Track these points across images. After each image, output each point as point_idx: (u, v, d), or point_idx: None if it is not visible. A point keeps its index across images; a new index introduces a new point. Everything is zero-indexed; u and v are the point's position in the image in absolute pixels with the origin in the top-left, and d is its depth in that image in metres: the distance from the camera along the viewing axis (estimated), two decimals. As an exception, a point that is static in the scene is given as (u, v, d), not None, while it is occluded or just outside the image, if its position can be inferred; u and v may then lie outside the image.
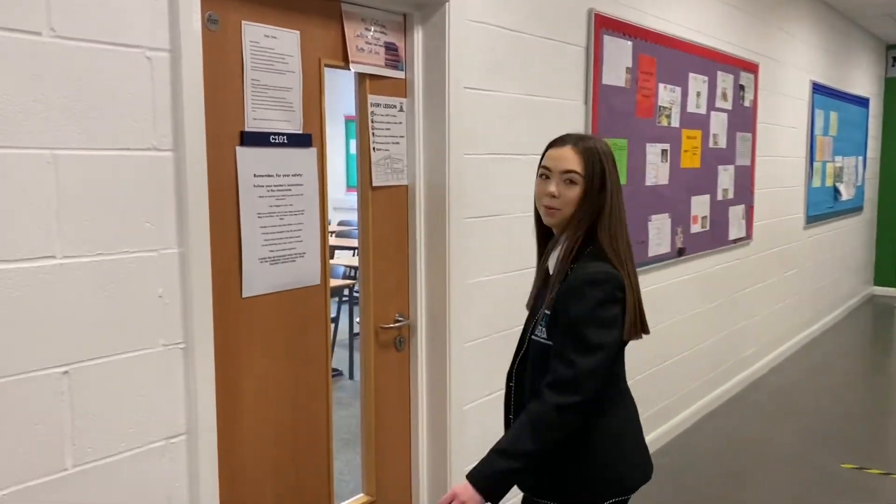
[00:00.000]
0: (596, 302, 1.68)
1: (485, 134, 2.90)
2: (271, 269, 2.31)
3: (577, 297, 1.69)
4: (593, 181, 1.73)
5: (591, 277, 1.69)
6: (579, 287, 1.69)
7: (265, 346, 2.31)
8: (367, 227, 2.66)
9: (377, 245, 2.68)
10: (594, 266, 1.71)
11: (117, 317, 1.80)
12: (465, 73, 2.77)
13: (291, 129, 2.34)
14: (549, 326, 1.76)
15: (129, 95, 1.79)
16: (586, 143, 1.76)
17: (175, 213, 1.90)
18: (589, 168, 1.73)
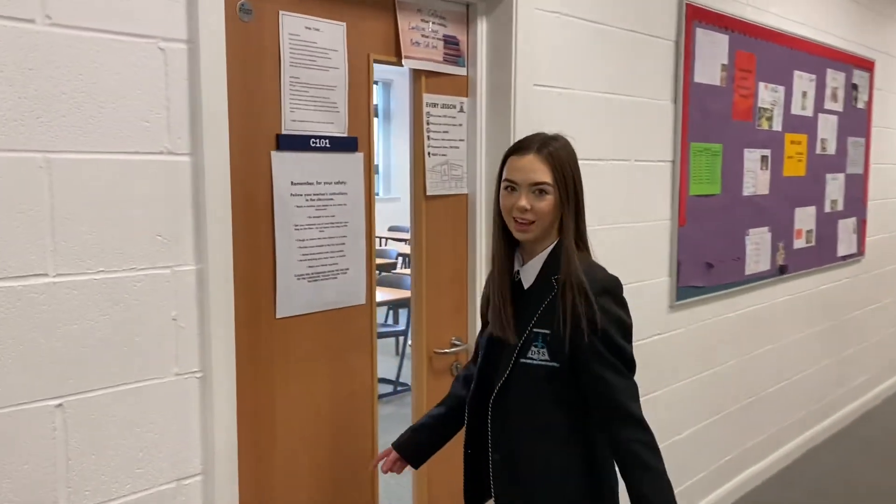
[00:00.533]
0: (619, 311, 1.63)
1: (556, 137, 2.58)
2: (310, 287, 2.07)
3: (602, 311, 1.59)
4: (566, 188, 1.64)
5: (602, 286, 1.62)
6: (595, 299, 1.59)
7: (301, 372, 2.07)
8: (420, 241, 2.39)
9: (432, 261, 2.41)
10: (593, 272, 1.64)
11: (122, 342, 1.59)
12: (535, 69, 2.48)
13: (335, 132, 2.10)
14: (550, 346, 1.62)
15: (139, 92, 1.58)
16: (550, 148, 1.65)
17: (192, 226, 1.68)
18: (559, 175, 1.63)
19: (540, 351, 1.63)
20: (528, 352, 1.65)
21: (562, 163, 1.63)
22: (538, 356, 1.64)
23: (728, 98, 3.44)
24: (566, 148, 1.68)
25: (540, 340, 1.63)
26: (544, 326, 1.63)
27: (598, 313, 1.57)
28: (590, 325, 1.57)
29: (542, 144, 1.65)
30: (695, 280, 3.32)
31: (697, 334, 3.40)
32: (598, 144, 2.78)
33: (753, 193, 3.69)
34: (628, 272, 2.95)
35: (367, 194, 2.20)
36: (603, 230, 2.82)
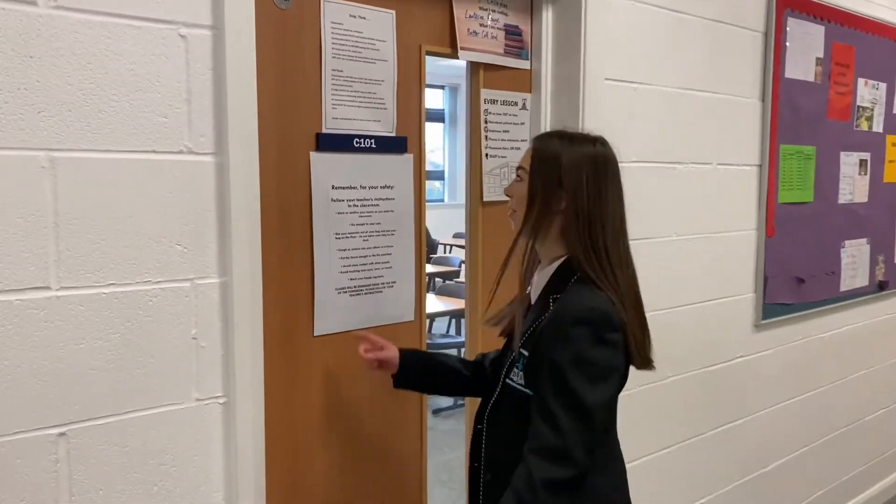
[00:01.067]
0: (584, 347, 1.36)
1: (631, 136, 2.34)
2: (352, 302, 1.87)
3: (560, 340, 1.38)
4: (540, 175, 1.47)
5: (575, 316, 1.38)
6: (562, 327, 1.38)
7: (342, 396, 1.87)
8: (475, 251, 2.17)
9: (489, 273, 2.18)
10: (581, 299, 1.41)
11: (134, 364, 1.42)
12: (606, 62, 2.23)
13: (382, 131, 1.90)
14: (527, 371, 1.46)
15: (157, 84, 1.41)
16: (544, 140, 1.53)
17: (216, 234, 1.51)
18: (536, 163, 1.49)
19: (519, 374, 1.49)
20: (512, 372, 1.52)
21: (545, 154, 1.47)
22: (517, 379, 1.50)
23: (823, 95, 3.10)
24: (571, 143, 1.48)
25: (521, 363, 1.49)
26: (527, 348, 1.47)
27: (561, 344, 1.37)
28: (550, 356, 1.38)
29: (546, 136, 1.55)
30: (783, 297, 3.00)
31: (785, 357, 3.08)
32: (676, 146, 2.51)
33: (850, 201, 3.34)
34: (709, 288, 2.68)
35: (418, 200, 1.99)
36: (681, 241, 2.55)
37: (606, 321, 1.38)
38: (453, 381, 1.80)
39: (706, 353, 2.70)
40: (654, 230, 2.45)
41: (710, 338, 2.70)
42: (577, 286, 1.44)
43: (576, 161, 1.45)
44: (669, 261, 2.52)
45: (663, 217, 2.48)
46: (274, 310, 1.70)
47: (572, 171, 1.44)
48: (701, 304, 2.65)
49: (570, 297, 1.42)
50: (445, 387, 1.86)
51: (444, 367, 1.81)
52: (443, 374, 1.81)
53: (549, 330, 1.41)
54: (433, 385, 1.85)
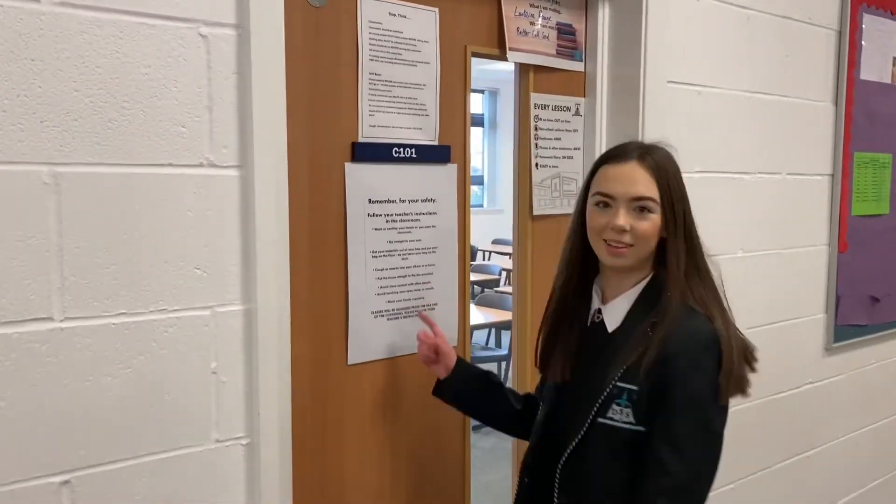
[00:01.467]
0: (714, 375, 1.28)
1: (695, 145, 2.14)
2: (389, 327, 1.71)
3: (692, 369, 1.28)
4: (674, 207, 1.33)
5: (704, 342, 1.29)
6: (691, 354, 1.28)
7: (378, 431, 1.70)
8: (524, 271, 1.99)
9: (539, 295, 2.00)
10: (698, 322, 1.31)
11: (147, 402, 1.27)
12: (668, 63, 2.04)
13: (423, 140, 1.73)
14: (638, 406, 1.30)
15: (174, 90, 1.26)
16: (656, 157, 1.35)
17: (239, 256, 1.35)
18: (665, 190, 1.33)
19: (623, 410, 1.32)
20: (609, 410, 1.33)
21: (668, 176, 1.34)
22: (621, 417, 1.32)
23: (900, 99, 2.86)
24: (671, 160, 1.38)
25: (625, 398, 1.32)
26: (631, 381, 1.31)
27: (693, 372, 1.28)
28: (679, 385, 1.28)
29: (645, 151, 1.36)
30: (856, 317, 2.76)
31: (859, 382, 2.83)
32: (742, 154, 2.30)
33: (929, 213, 3.08)
34: (776, 308, 2.47)
35: (462, 214, 1.82)
36: (747, 258, 2.34)
37: (720, 343, 1.29)
38: (502, 410, 1.64)
39: (773, 379, 2.48)
40: (718, 246, 2.22)
41: (777, 363, 2.48)
42: (673, 308, 1.31)
43: (680, 176, 1.36)
44: (734, 279, 2.26)
45: (729, 232, 2.28)
46: (303, 338, 1.55)
47: (684, 191, 1.36)
48: (767, 326, 2.44)
49: (684, 321, 1.30)
50: (491, 414, 1.68)
51: (497, 391, 1.65)
52: (494, 398, 1.65)
53: (672, 358, 1.28)
54: (479, 406, 1.67)
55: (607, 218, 1.33)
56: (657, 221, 1.32)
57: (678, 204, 1.33)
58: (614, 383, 1.32)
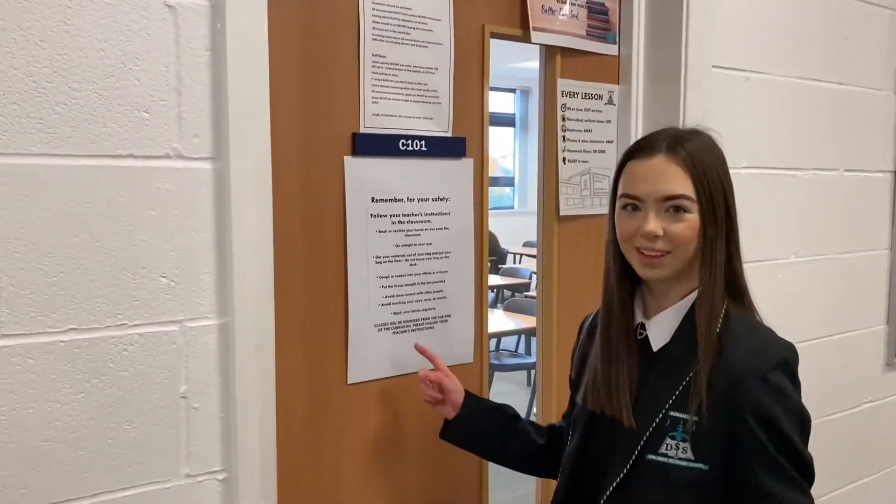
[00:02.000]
0: (791, 394, 1.10)
1: (742, 137, 1.92)
2: (395, 342, 1.52)
3: (763, 391, 1.07)
4: (714, 204, 1.12)
5: (771, 359, 1.09)
6: (760, 374, 1.07)
7: (382, 460, 1.51)
8: (550, 277, 1.78)
9: (566, 303, 1.79)
10: (759, 336, 1.13)
11: (104, 433, 1.09)
12: (712, 46, 1.82)
13: (435, 131, 1.54)
14: (698, 440, 1.09)
15: (135, 69, 1.08)
16: (688, 147, 1.13)
17: (213, 262, 1.17)
18: (703, 184, 1.11)
19: (680, 446, 1.11)
20: (662, 445, 1.11)
21: (706, 167, 1.12)
22: (677, 453, 1.10)
23: (970, 87, 2.59)
24: (711, 148, 1.15)
25: (680, 430, 1.11)
26: (686, 410, 1.09)
27: (768, 394, 1.07)
28: (754, 412, 1.07)
29: (676, 141, 1.13)
30: (921, 329, 2.51)
31: (923, 401, 2.57)
32: (795, 148, 2.07)
33: None
34: (831, 320, 2.23)
35: (479, 215, 1.62)
36: (800, 264, 2.11)
37: (796, 359, 1.13)
38: (523, 448, 1.42)
39: (827, 398, 2.25)
40: (768, 251, 2.02)
41: (832, 380, 2.24)
42: (733, 322, 1.13)
43: (725, 169, 1.15)
44: (786, 287, 2.08)
45: (779, 235, 2.05)
46: (295, 355, 1.36)
47: (730, 186, 1.15)
48: (822, 339, 2.20)
49: (743, 338, 1.12)
50: (509, 454, 1.45)
51: (514, 427, 1.43)
52: (512, 435, 1.43)
53: (740, 381, 1.08)
54: (493, 445, 1.44)
55: (636, 223, 1.13)
56: (695, 222, 1.11)
57: (719, 200, 1.11)
58: (665, 412, 1.11)
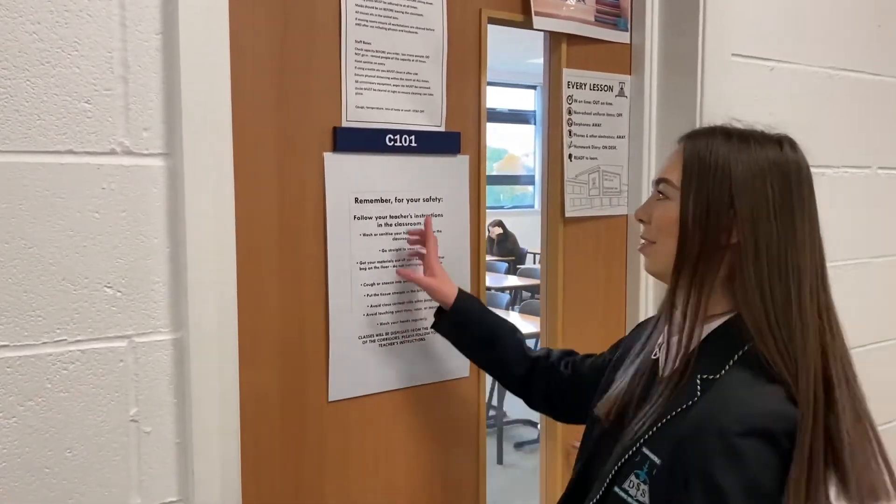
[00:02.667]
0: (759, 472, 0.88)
1: (765, 132, 1.76)
2: (382, 355, 1.39)
3: (724, 455, 0.88)
4: (699, 192, 0.97)
5: (748, 422, 0.88)
6: (727, 435, 0.88)
7: (370, 484, 1.39)
8: (554, 282, 1.64)
9: (571, 310, 1.65)
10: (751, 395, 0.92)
11: (41, 462, 0.98)
12: (733, 32, 1.67)
13: (426, 125, 1.41)
14: (655, 485, 0.94)
15: (73, 54, 0.97)
16: (702, 139, 1.01)
17: (167, 270, 1.05)
18: (692, 173, 0.98)
19: (640, 487, 0.96)
20: (627, 480, 0.98)
21: (713, 162, 0.98)
22: (636, 493, 0.97)
23: None
24: (752, 150, 0.99)
25: (645, 470, 0.96)
26: (658, 450, 0.95)
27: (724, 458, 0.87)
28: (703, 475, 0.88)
29: (699, 132, 1.03)
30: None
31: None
32: (825, 145, 1.91)
33: None
34: (861, 328, 2.05)
35: (476, 217, 1.49)
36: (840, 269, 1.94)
37: (787, 433, 0.89)
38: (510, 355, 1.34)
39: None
40: (794, 255, 1.86)
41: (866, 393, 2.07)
42: (742, 369, 0.95)
43: (755, 171, 0.97)
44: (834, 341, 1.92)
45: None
46: (266, 372, 1.24)
47: (749, 188, 0.96)
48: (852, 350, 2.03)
49: (734, 388, 0.93)
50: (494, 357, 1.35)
51: (507, 331, 1.35)
52: (503, 338, 1.34)
53: (702, 433, 0.91)
54: (481, 344, 1.35)
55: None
56: (672, 209, 0.99)
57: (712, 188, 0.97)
58: (638, 446, 0.97)
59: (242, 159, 1.15)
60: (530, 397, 1.36)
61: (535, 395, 1.35)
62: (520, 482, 4.04)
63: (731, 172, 0.96)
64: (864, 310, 2.05)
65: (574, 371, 1.30)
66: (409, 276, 1.35)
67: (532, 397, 1.36)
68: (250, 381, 1.20)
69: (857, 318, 2.04)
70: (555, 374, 1.31)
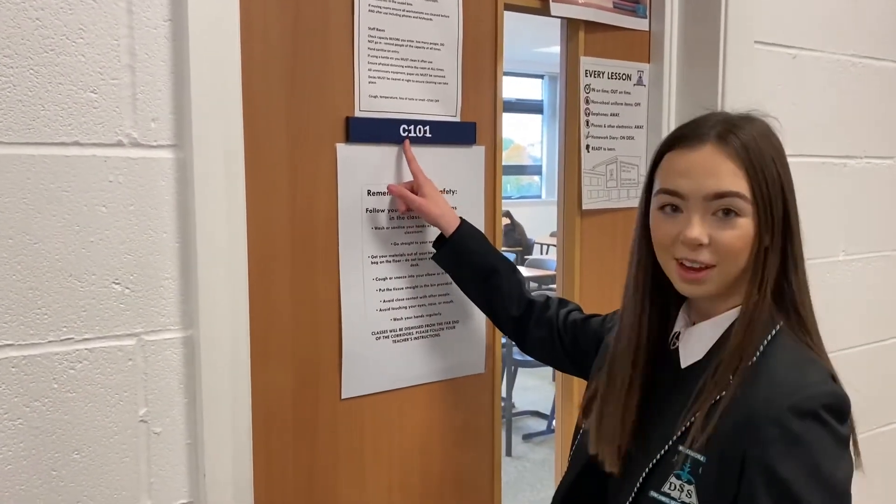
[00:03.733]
0: (823, 455, 0.85)
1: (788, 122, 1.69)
2: (395, 351, 1.36)
3: (782, 442, 0.84)
4: (772, 206, 0.92)
5: (803, 405, 0.85)
6: (783, 421, 0.85)
7: (384, 483, 1.36)
8: (571, 276, 1.61)
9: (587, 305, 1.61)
10: (799, 374, 0.89)
11: (48, 465, 0.95)
12: (755, 19, 1.62)
13: (441, 115, 1.37)
14: (704, 483, 0.89)
15: (79, 42, 0.93)
16: (744, 136, 0.93)
17: (177, 266, 1.02)
18: (761, 182, 0.91)
19: (685, 488, 0.91)
20: (666, 483, 0.92)
21: (763, 162, 0.92)
22: (680, 496, 0.91)
23: None
24: (768, 137, 0.96)
25: (688, 469, 0.91)
26: (699, 447, 0.90)
27: (782, 446, 0.85)
28: (762, 467, 0.85)
29: (727, 128, 0.94)
30: (982, 332, 2.28)
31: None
32: (847, 135, 1.86)
33: None
34: (883, 321, 2.02)
35: (492, 209, 1.45)
36: (850, 262, 1.90)
37: (843, 409, 0.89)
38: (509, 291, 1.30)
39: (875, 409, 2.05)
40: (815, 248, 1.80)
41: (882, 389, 2.04)
42: (779, 348, 0.92)
43: (786, 162, 0.95)
44: (834, 288, 1.88)
45: (828, 230, 1.85)
46: (278, 370, 1.21)
47: (789, 183, 0.95)
48: (872, 344, 2.00)
49: (780, 370, 0.90)
50: (492, 293, 1.30)
51: (508, 268, 1.31)
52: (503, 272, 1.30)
53: (753, 421, 0.87)
54: (480, 277, 1.30)
55: (677, 227, 0.94)
56: (748, 229, 0.91)
57: (778, 201, 0.92)
58: (672, 444, 0.93)
59: (253, 151, 1.12)
60: (524, 342, 1.32)
61: (531, 342, 1.31)
62: (529, 474, 4.02)
63: (782, 175, 0.93)
64: (888, 303, 2.01)
65: (575, 330, 1.26)
66: (400, 192, 1.29)
67: (526, 343, 1.32)
68: (262, 380, 1.17)
69: (881, 311, 2.00)
70: (555, 328, 1.28)
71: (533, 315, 1.30)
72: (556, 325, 1.28)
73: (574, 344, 1.26)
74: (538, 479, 3.94)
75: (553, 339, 1.28)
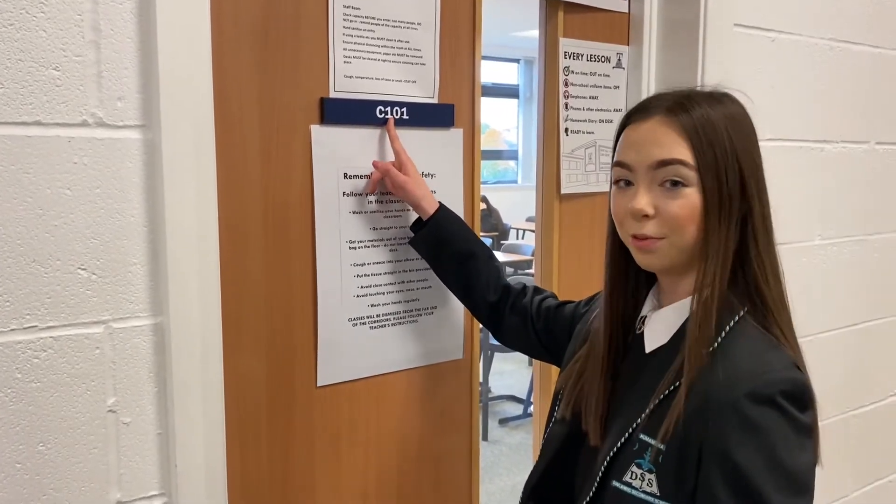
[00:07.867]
0: (780, 443, 0.83)
1: (767, 106, 1.71)
2: (373, 338, 1.33)
3: (740, 430, 0.83)
4: (719, 178, 0.89)
5: (762, 391, 0.83)
6: (740, 407, 0.83)
7: (360, 471, 1.33)
8: (549, 261, 1.59)
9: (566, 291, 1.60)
10: (760, 360, 0.87)
11: (12, 457, 0.91)
12: (736, 3, 1.61)
13: (419, 96, 1.34)
14: (663, 472, 0.87)
15: (39, 16, 0.89)
16: (694, 108, 0.91)
17: (145, 251, 0.98)
18: (707, 152, 0.89)
19: (646, 476, 0.89)
20: (627, 472, 0.91)
21: (713, 132, 0.90)
22: (641, 484, 0.89)
23: None
24: (727, 111, 0.93)
25: (647, 457, 0.89)
26: (659, 434, 0.88)
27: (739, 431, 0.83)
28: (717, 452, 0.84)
29: (679, 101, 0.92)
30: (953, 316, 2.31)
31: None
32: (824, 119, 1.86)
33: None
34: (859, 305, 2.04)
35: (470, 193, 1.43)
36: (825, 246, 1.91)
37: (804, 397, 0.86)
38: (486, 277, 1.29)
39: (852, 391, 2.06)
40: (790, 232, 1.82)
41: (857, 371, 2.06)
42: (739, 335, 0.89)
43: (748, 136, 0.93)
44: (808, 272, 1.89)
45: (803, 214, 1.85)
46: (252, 357, 1.18)
47: (748, 153, 0.92)
48: (848, 328, 2.01)
49: (740, 358, 0.87)
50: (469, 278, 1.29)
51: (486, 254, 1.30)
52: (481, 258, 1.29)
53: (710, 408, 0.85)
54: (458, 262, 1.28)
55: (627, 200, 0.93)
56: (694, 199, 0.89)
57: (732, 175, 0.89)
58: (633, 431, 0.91)
59: (224, 131, 1.08)
60: (499, 328, 1.31)
61: (505, 329, 1.30)
62: (505, 457, 4.03)
63: (739, 153, 0.90)
64: (862, 287, 2.02)
65: (548, 317, 1.25)
66: (385, 168, 1.27)
67: (501, 329, 1.30)
68: (235, 368, 1.14)
69: (854, 295, 2.01)
70: (529, 315, 1.27)
71: (509, 301, 1.29)
72: (531, 311, 1.27)
73: (546, 331, 1.25)
74: (514, 462, 3.95)
75: (527, 326, 1.27)
